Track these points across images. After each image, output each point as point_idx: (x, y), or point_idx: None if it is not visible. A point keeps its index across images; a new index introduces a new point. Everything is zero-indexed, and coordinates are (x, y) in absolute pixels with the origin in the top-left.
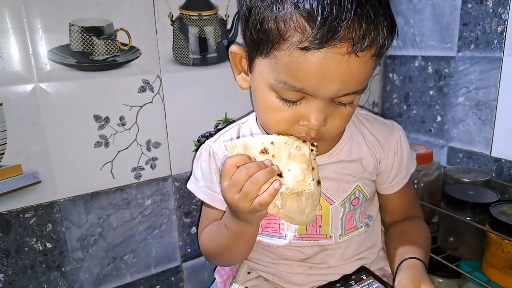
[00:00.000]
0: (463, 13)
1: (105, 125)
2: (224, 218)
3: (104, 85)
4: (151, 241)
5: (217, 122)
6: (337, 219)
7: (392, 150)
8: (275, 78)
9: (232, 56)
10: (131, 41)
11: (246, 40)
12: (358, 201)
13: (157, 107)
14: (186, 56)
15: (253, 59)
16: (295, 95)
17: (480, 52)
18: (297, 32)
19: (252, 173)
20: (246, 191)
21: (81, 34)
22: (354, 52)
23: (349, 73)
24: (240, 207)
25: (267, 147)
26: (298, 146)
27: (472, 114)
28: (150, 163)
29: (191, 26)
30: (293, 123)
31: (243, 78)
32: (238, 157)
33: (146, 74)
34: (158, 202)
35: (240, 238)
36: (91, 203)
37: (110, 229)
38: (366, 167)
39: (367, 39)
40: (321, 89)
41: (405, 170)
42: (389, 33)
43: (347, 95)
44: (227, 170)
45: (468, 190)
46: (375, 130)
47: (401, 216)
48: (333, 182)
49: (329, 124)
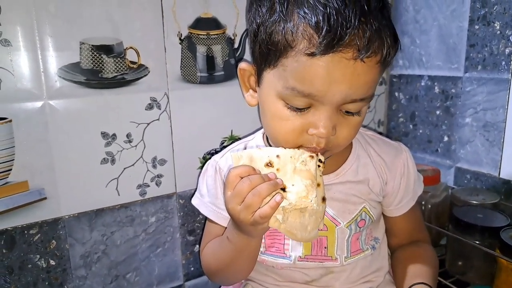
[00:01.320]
0: (470, 34)
1: (112, 142)
2: (226, 231)
3: (112, 102)
4: (154, 259)
5: (223, 139)
6: (343, 241)
7: (399, 172)
8: (283, 85)
9: (241, 73)
10: (140, 59)
11: (255, 56)
12: (364, 223)
13: (164, 124)
14: (193, 74)
15: (261, 73)
16: (303, 101)
17: (487, 73)
18: (304, 40)
19: (255, 185)
20: (248, 203)
21: (91, 52)
22: (359, 57)
23: (356, 76)
24: (241, 219)
25: (272, 160)
26: (304, 161)
27: (480, 135)
28: (156, 180)
29: (199, 45)
30: (301, 132)
31: (251, 95)
32: (243, 168)
33: (154, 92)
34: (162, 219)
35: (242, 252)
36: (95, 220)
37: (114, 246)
38: (373, 188)
39: (371, 46)
40: (329, 93)
41: (411, 192)
42: (393, 42)
43: (355, 102)
44: (231, 181)
45: (477, 213)
46: (382, 151)
47: (407, 239)
48: (339, 203)
49: (338, 133)
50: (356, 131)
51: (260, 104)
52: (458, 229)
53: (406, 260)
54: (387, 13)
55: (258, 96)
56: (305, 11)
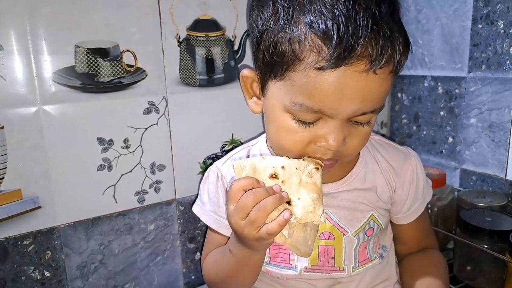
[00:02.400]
0: (473, 33)
1: (109, 148)
2: (229, 243)
3: (109, 107)
4: (153, 268)
5: (224, 144)
6: (350, 250)
7: (408, 179)
8: (291, 100)
9: (243, 80)
10: (137, 63)
11: (258, 63)
12: (372, 231)
13: (162, 128)
14: (192, 77)
15: (266, 82)
16: (312, 116)
17: (492, 73)
18: (312, 52)
19: (260, 199)
20: (253, 218)
21: (86, 56)
22: (372, 69)
23: (368, 91)
24: (245, 234)
25: (277, 171)
26: (310, 173)
27: (485, 136)
28: (154, 186)
29: (198, 47)
30: (309, 144)
31: (255, 102)
32: (246, 180)
33: (151, 96)
34: (162, 227)
35: (245, 265)
36: (92, 229)
37: (111, 256)
38: (381, 196)
39: (384, 56)
40: (339, 109)
41: (420, 199)
42: (405, 49)
43: (365, 114)
44: (234, 194)
45: (485, 216)
46: (390, 157)
47: (416, 247)
48: (347, 211)
49: (348, 144)
50: (366, 141)
51: (264, 113)
52: (466, 233)
53: (416, 269)
54: (398, 16)
55: (263, 104)
56: (311, 18)
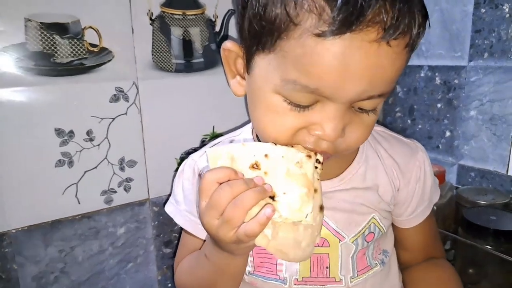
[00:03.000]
0: (476, 18)
1: (69, 141)
2: (204, 246)
3: (68, 92)
4: (124, 276)
5: (204, 138)
6: (347, 258)
7: (414, 177)
8: (282, 77)
9: (225, 54)
10: (102, 42)
11: (243, 35)
12: (373, 236)
13: (133, 119)
14: (167, 61)
15: (252, 57)
16: (307, 97)
17: (494, 61)
18: (312, 14)
19: (237, 193)
20: (228, 216)
21: (40, 31)
22: (385, 39)
23: (378, 68)
24: (221, 236)
25: (259, 160)
26: (299, 162)
27: (486, 129)
28: (124, 185)
29: (174, 27)
30: (300, 131)
31: (238, 82)
32: (221, 171)
33: (119, 81)
34: (133, 230)
35: (224, 273)
36: (51, 234)
37: (75, 264)
38: (383, 196)
39: (401, 23)
40: (341, 89)
41: (427, 200)
42: (424, 20)
43: (371, 99)
44: (207, 188)
45: (489, 215)
46: (394, 151)
47: (421, 255)
48: (344, 214)
49: (347, 135)
50: (369, 133)
51: (249, 95)
52: (469, 233)
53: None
54: None
55: (247, 84)
56: None
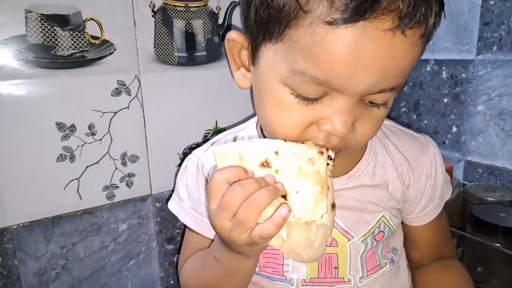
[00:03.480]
0: (484, 11)
1: (71, 135)
2: (212, 247)
3: (69, 86)
4: (126, 273)
5: (206, 132)
6: (356, 258)
7: (425, 173)
8: (290, 68)
9: (229, 45)
10: (103, 34)
11: (249, 24)
12: (383, 235)
13: (135, 113)
14: (170, 54)
15: (257, 48)
16: (316, 90)
17: (504, 55)
18: (323, 1)
19: (250, 193)
20: (242, 218)
21: (41, 23)
22: (400, 28)
23: (391, 59)
24: (233, 238)
25: (269, 158)
26: (311, 159)
27: (494, 124)
28: (126, 180)
29: (176, 19)
30: (309, 127)
31: (243, 74)
32: (231, 170)
33: (121, 74)
34: (135, 226)
35: (233, 274)
36: (52, 230)
37: (76, 260)
38: (393, 193)
39: (418, 12)
40: (352, 81)
41: (438, 198)
42: (440, 9)
43: (383, 92)
44: (216, 188)
45: (499, 212)
46: (404, 146)
47: (432, 253)
48: (353, 212)
49: (358, 130)
50: (379, 127)
51: (255, 87)
52: (478, 230)
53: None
54: None
55: (253, 77)
56: None
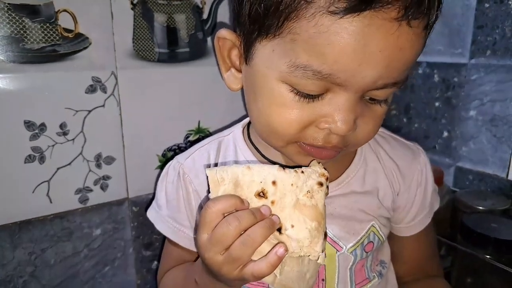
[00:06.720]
0: (478, 14)
1: (40, 134)
2: (194, 270)
3: (39, 81)
4: (100, 280)
5: (188, 133)
6: (345, 270)
7: (415, 181)
8: (291, 63)
9: (219, 44)
10: (77, 27)
11: (242, 21)
12: (372, 246)
13: (111, 112)
14: (150, 50)
15: (251, 45)
16: (317, 85)
17: (497, 60)
18: None
19: (245, 227)
20: (236, 255)
21: (7, 13)
22: (406, 18)
23: (397, 50)
24: (223, 273)
25: (266, 189)
26: (310, 192)
27: (486, 130)
28: (101, 183)
29: (157, 13)
30: (309, 126)
31: (233, 75)
32: (227, 201)
33: (97, 70)
34: (111, 231)
35: None
36: (20, 235)
37: (46, 267)
38: (383, 200)
39: (423, 2)
40: (357, 74)
41: (428, 207)
42: (440, 2)
43: (385, 88)
44: (211, 219)
45: (490, 222)
46: (395, 153)
47: (418, 269)
48: (341, 221)
49: (359, 128)
50: (379, 125)
51: (248, 87)
52: (468, 240)
53: None
54: None
55: (245, 77)
56: None
